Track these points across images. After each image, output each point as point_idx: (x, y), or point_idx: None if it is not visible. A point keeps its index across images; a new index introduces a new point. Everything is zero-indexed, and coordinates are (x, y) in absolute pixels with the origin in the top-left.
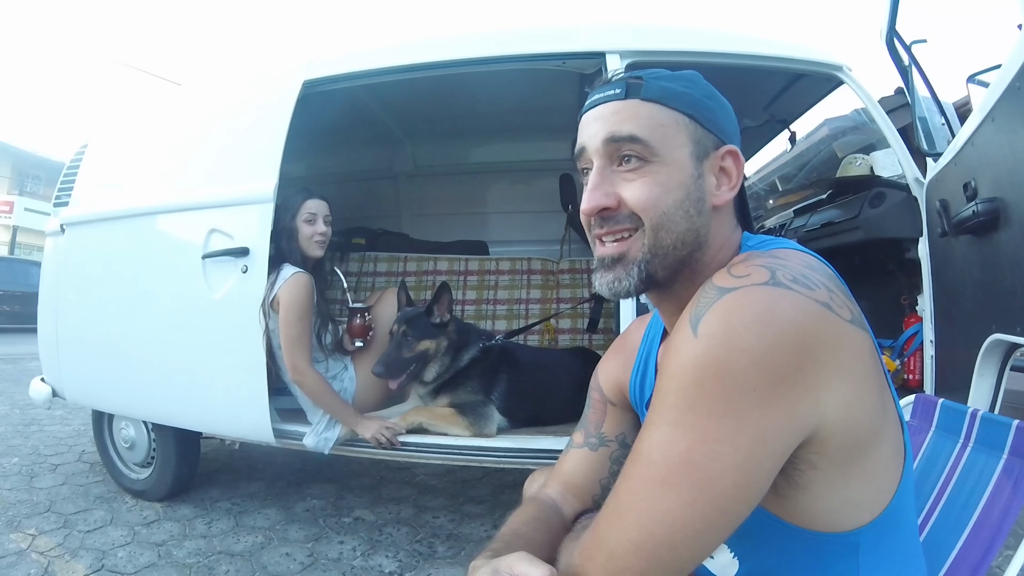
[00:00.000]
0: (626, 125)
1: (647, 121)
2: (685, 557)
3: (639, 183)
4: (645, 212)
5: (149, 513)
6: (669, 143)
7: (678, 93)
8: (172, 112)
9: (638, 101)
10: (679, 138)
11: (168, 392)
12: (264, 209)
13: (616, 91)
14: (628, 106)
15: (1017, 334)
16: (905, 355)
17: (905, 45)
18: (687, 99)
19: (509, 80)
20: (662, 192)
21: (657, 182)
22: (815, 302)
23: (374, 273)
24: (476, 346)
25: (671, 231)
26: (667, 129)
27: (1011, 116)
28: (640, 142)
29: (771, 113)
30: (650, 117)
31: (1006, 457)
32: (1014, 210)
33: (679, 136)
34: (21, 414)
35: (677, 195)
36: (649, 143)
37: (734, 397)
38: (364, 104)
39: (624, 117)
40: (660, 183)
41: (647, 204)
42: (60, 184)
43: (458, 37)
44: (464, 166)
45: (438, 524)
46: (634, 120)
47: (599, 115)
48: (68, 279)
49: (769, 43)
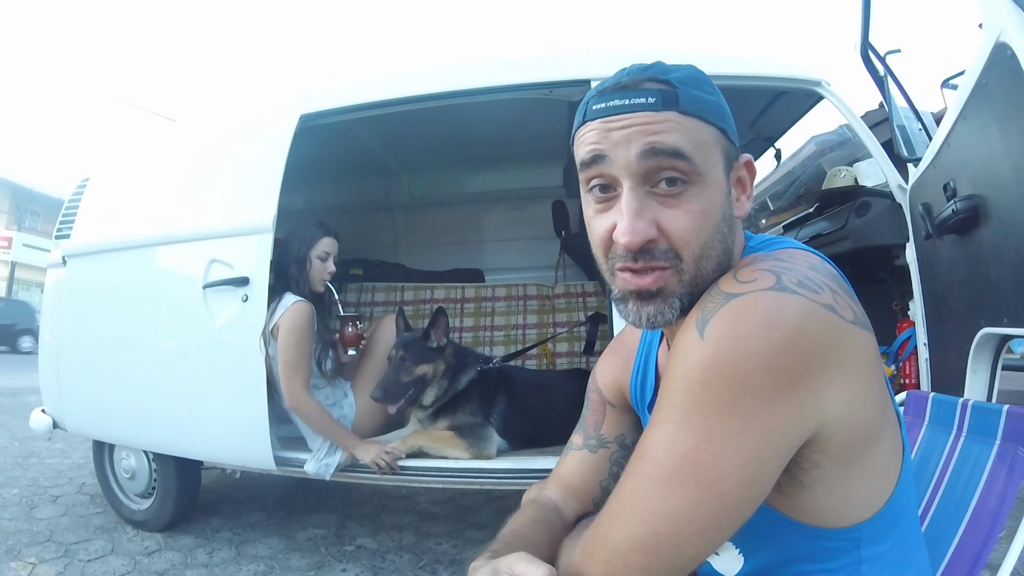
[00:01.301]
0: (670, 138)
1: (690, 136)
2: (688, 555)
3: (682, 211)
4: (688, 245)
5: (150, 543)
6: (709, 160)
7: (710, 104)
8: (172, 145)
9: (677, 114)
10: (715, 154)
11: (169, 421)
12: (263, 239)
13: (649, 99)
14: (667, 118)
15: (1005, 325)
16: (900, 360)
17: (880, 56)
18: (718, 110)
19: (499, 109)
20: (704, 220)
21: (700, 209)
22: (819, 305)
23: (372, 303)
24: (474, 369)
25: (711, 258)
26: (707, 145)
27: (981, 113)
28: (686, 159)
29: (756, 131)
30: (692, 132)
31: (999, 443)
32: (992, 205)
33: (716, 152)
34: (21, 446)
35: (716, 219)
36: (695, 161)
37: (740, 398)
38: (359, 136)
39: (664, 128)
40: (702, 210)
41: (691, 238)
42: (62, 217)
43: (449, 68)
44: (458, 196)
45: (440, 550)
46: (678, 134)
47: (627, 124)
48: (69, 310)
49: (750, 62)
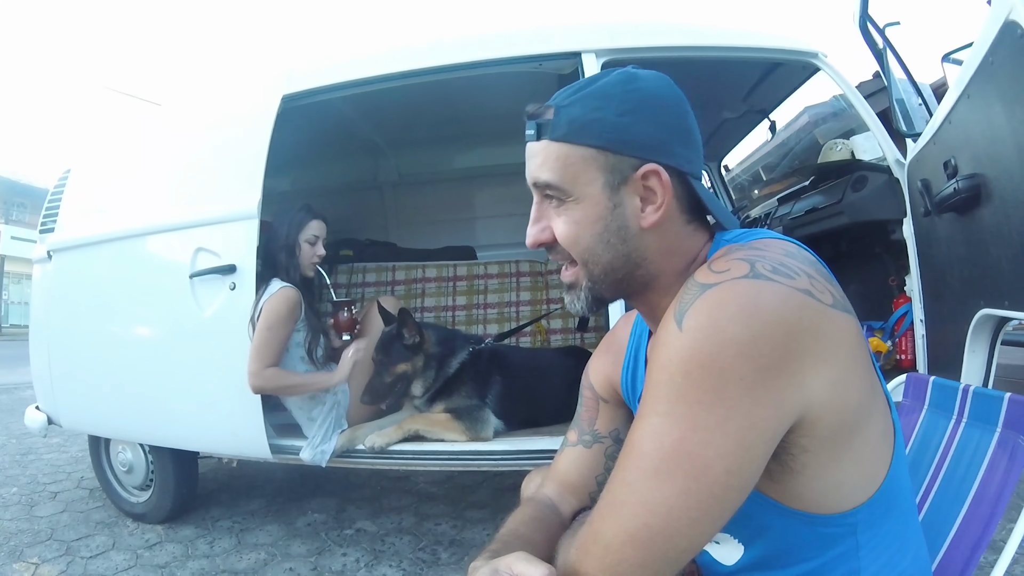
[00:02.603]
0: (542, 172)
1: (556, 163)
2: (682, 546)
3: (561, 221)
4: (571, 248)
5: (151, 536)
6: (580, 180)
7: (586, 123)
8: (153, 133)
9: (547, 142)
10: (588, 174)
11: (163, 413)
12: (249, 225)
13: (530, 132)
14: (540, 148)
15: (1005, 307)
16: (896, 336)
17: (879, 28)
18: (596, 127)
19: (487, 84)
20: (579, 229)
21: (574, 220)
22: (796, 290)
23: (363, 284)
24: (465, 351)
25: (597, 262)
26: (576, 168)
27: (986, 92)
28: (552, 187)
29: (750, 104)
30: (559, 159)
31: (1000, 430)
32: (994, 185)
33: (588, 172)
34: (18, 443)
35: (596, 228)
36: (560, 186)
37: (721, 387)
38: (344, 115)
39: (539, 163)
40: (576, 221)
41: (569, 242)
42: (45, 211)
43: (434, 44)
44: (448, 173)
45: (440, 531)
46: (546, 165)
47: (528, 154)
48: (58, 305)
49: (744, 34)
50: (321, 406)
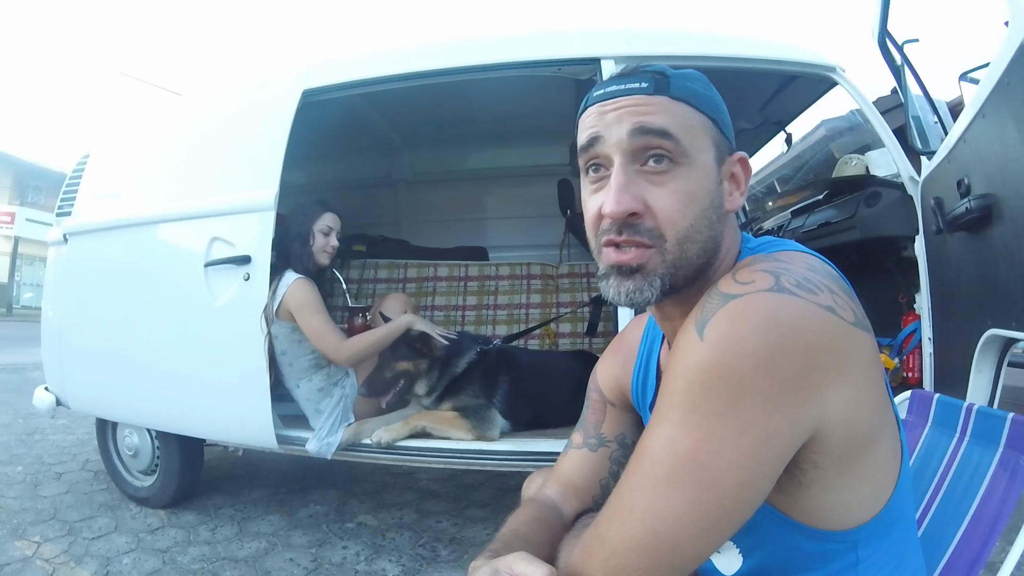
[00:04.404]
0: (658, 119)
1: (677, 119)
2: (688, 555)
3: (668, 190)
4: (673, 225)
5: (153, 520)
6: (697, 145)
7: (702, 96)
8: (173, 122)
9: (667, 98)
10: (704, 140)
11: (172, 399)
12: (265, 217)
13: (642, 84)
14: (657, 101)
15: (1013, 329)
16: (904, 353)
17: (897, 45)
18: (709, 101)
19: (505, 86)
20: (690, 201)
21: (686, 189)
22: (818, 307)
23: (375, 280)
24: (472, 351)
25: (696, 241)
26: (695, 131)
27: (1001, 112)
28: (673, 139)
29: (766, 115)
30: (681, 115)
31: (1002, 450)
32: (1006, 206)
33: (705, 139)
34: (24, 424)
35: (703, 203)
36: (681, 141)
37: (738, 399)
38: (362, 112)
39: (655, 110)
40: (688, 191)
41: (676, 216)
42: (62, 194)
43: (454, 45)
44: (462, 172)
45: (441, 528)
46: (665, 116)
47: (621, 106)
48: (71, 288)
49: (763, 45)
50: (329, 398)
